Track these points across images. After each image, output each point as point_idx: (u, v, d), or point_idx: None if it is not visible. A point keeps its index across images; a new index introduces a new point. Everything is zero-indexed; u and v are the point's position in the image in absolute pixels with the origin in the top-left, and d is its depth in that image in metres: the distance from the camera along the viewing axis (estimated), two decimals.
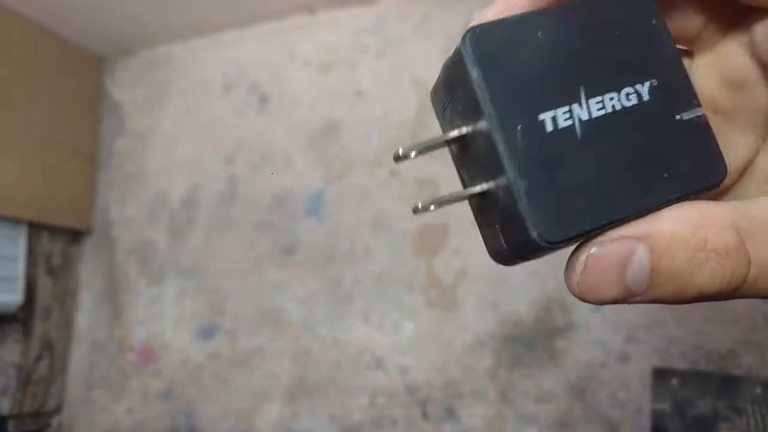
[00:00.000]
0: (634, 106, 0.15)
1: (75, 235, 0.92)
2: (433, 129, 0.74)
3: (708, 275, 0.14)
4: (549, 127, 0.15)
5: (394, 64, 0.77)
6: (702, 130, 0.15)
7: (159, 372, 0.84)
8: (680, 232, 0.14)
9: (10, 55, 0.80)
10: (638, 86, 0.15)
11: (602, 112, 0.15)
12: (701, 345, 0.59)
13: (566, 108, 0.15)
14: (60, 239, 0.89)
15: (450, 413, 0.67)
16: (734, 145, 0.17)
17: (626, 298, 0.15)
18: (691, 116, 0.15)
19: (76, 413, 0.89)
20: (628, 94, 0.15)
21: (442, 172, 0.72)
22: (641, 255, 0.14)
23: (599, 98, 0.15)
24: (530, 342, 0.65)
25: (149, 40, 0.92)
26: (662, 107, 0.15)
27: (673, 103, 0.15)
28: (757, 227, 0.14)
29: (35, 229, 0.85)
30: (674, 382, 0.59)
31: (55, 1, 0.80)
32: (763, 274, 0.14)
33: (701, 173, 0.15)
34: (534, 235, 0.14)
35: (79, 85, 0.92)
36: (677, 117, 0.15)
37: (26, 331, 0.84)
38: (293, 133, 0.81)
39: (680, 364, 0.59)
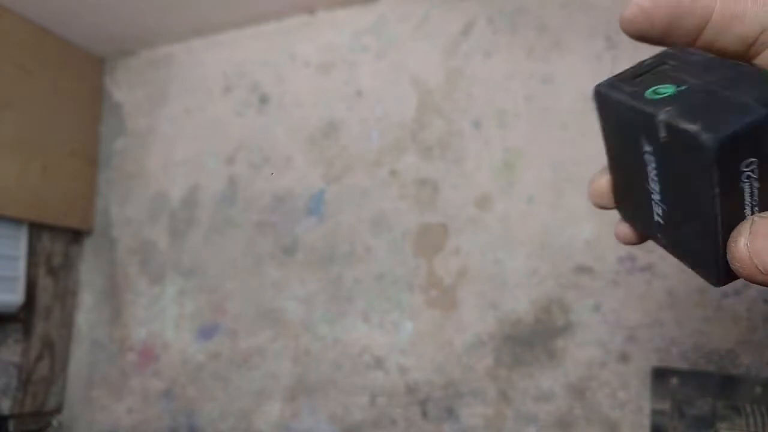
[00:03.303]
0: (654, 161, 0.18)
1: (75, 235, 0.92)
2: (431, 130, 0.74)
3: None
4: (662, 222, 0.19)
5: (394, 64, 0.77)
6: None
7: (159, 371, 0.84)
8: None
9: (11, 55, 0.81)
10: (644, 148, 0.18)
11: (658, 183, 0.18)
12: (701, 345, 0.59)
13: (653, 203, 0.19)
14: (61, 239, 0.89)
15: (450, 413, 0.67)
16: None
17: None
18: (662, 128, 0.17)
19: (76, 413, 0.89)
20: (648, 159, 0.18)
21: (441, 172, 0.72)
22: None
23: (649, 178, 0.19)
24: (530, 342, 0.65)
25: (149, 41, 0.92)
26: (657, 143, 0.17)
27: (654, 135, 0.17)
28: None
29: (36, 229, 0.85)
30: (674, 381, 0.58)
31: (56, 2, 0.80)
32: None
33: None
34: (713, 285, 0.17)
35: (80, 86, 0.93)
36: (662, 141, 0.17)
37: (27, 330, 0.84)
38: (293, 133, 0.81)
39: (680, 364, 0.59)
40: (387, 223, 0.74)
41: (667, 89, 0.18)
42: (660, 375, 0.59)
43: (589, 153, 0.65)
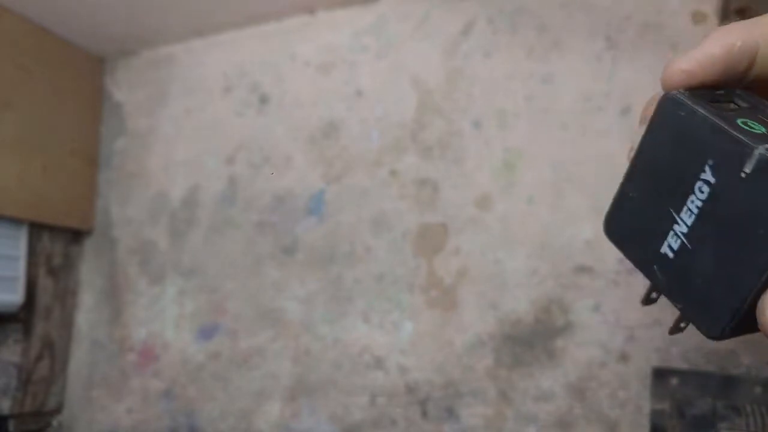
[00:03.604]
0: (709, 192, 0.17)
1: (76, 235, 0.92)
2: (431, 130, 0.74)
3: None
4: (670, 255, 0.18)
5: (394, 64, 0.77)
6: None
7: (159, 372, 0.84)
8: None
9: (11, 55, 0.81)
10: (702, 175, 0.17)
11: (694, 216, 0.17)
12: (701, 345, 0.59)
13: (671, 233, 0.18)
14: (61, 239, 0.89)
15: (450, 412, 0.67)
16: None
17: None
18: (753, 162, 0.16)
19: (76, 413, 0.89)
20: (700, 188, 0.17)
21: (441, 172, 0.72)
22: None
23: (685, 208, 0.18)
24: (530, 342, 0.65)
25: (150, 41, 0.92)
26: (728, 175, 0.17)
27: (733, 165, 0.17)
28: None
29: (36, 229, 0.85)
30: (674, 381, 0.58)
31: (57, 2, 0.80)
32: None
33: None
34: (707, 335, 0.17)
35: (80, 86, 0.93)
36: (743, 174, 0.16)
37: (27, 330, 0.84)
38: (293, 133, 0.82)
39: (680, 364, 0.59)
40: (387, 223, 0.74)
41: (758, 127, 0.17)
42: (660, 375, 0.59)
43: (589, 153, 0.65)
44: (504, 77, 0.71)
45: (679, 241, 0.18)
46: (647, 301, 0.19)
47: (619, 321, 0.62)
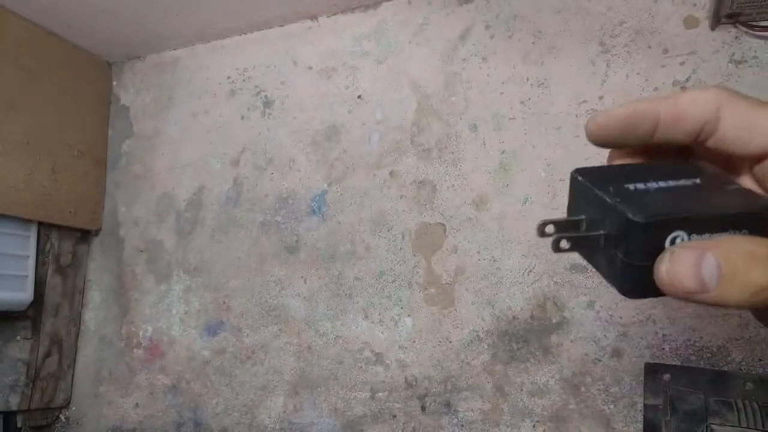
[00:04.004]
0: (691, 184, 0.22)
1: (84, 235, 0.93)
2: (430, 132, 0.75)
3: (761, 272, 0.18)
4: (631, 188, 0.22)
5: (394, 68, 0.78)
6: (741, 190, 0.22)
7: (165, 367, 0.85)
8: (735, 244, 0.19)
9: (20, 59, 0.82)
10: (693, 179, 0.22)
11: (668, 185, 0.22)
12: (693, 341, 0.59)
13: (642, 183, 0.22)
14: (69, 239, 0.91)
15: (448, 407, 0.68)
16: None
17: (702, 290, 0.19)
18: (733, 188, 0.22)
19: (84, 408, 0.91)
20: (686, 181, 0.22)
21: (439, 174, 0.74)
22: (709, 257, 0.19)
23: (665, 182, 0.22)
24: (525, 338, 0.66)
25: (156, 46, 0.93)
26: (712, 183, 0.22)
27: (721, 182, 0.22)
28: None
29: (45, 228, 0.87)
30: (666, 377, 0.59)
31: (65, 8, 0.82)
32: None
33: (744, 203, 0.21)
34: (630, 215, 0.20)
35: (88, 89, 0.94)
36: (725, 186, 0.22)
37: (36, 328, 0.86)
38: (296, 136, 0.83)
39: (672, 360, 0.60)
40: (387, 223, 0.75)
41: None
42: (652, 371, 0.59)
43: (582, 154, 0.66)
44: (500, 81, 0.72)
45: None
46: (557, 248, 0.22)
47: (613, 318, 0.63)
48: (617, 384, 0.61)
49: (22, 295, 0.82)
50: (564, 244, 0.22)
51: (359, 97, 0.80)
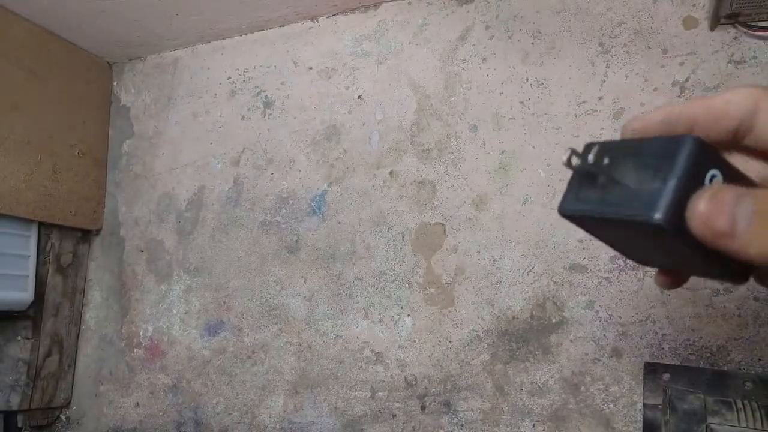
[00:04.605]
0: None
1: (84, 235, 0.94)
2: (430, 132, 0.75)
3: None
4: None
5: (394, 69, 0.78)
6: None
7: (166, 367, 0.85)
8: None
9: (21, 60, 0.83)
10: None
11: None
12: (692, 341, 0.60)
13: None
14: (70, 238, 0.91)
15: (448, 406, 0.68)
16: None
17: (730, 232, 0.19)
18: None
19: (84, 407, 0.91)
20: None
21: (439, 174, 0.74)
22: (748, 201, 0.19)
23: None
24: (525, 338, 0.66)
25: (156, 46, 0.93)
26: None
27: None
28: None
29: (46, 228, 0.87)
30: (665, 377, 0.59)
31: (66, 8, 0.82)
32: None
33: None
34: (690, 137, 0.21)
35: (89, 89, 0.94)
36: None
37: (36, 327, 0.86)
38: (296, 136, 0.83)
39: (672, 360, 0.60)
40: (387, 223, 0.75)
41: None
42: (652, 370, 0.59)
43: None
44: (500, 81, 0.72)
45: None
46: (569, 164, 0.22)
47: (612, 317, 0.63)
48: (617, 383, 0.62)
49: (22, 294, 0.83)
50: (592, 151, 0.21)
51: (359, 97, 0.80)
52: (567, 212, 0.23)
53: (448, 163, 0.73)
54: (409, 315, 0.72)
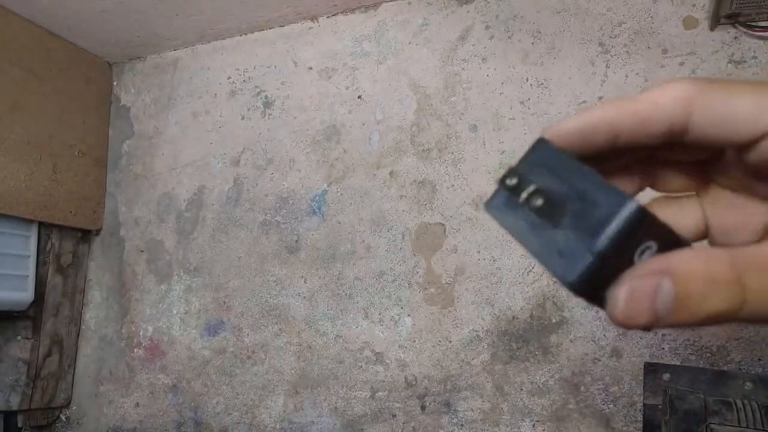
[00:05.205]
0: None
1: (84, 235, 0.94)
2: (430, 132, 0.75)
3: (717, 300, 0.17)
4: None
5: (394, 69, 0.78)
6: None
7: (166, 367, 0.85)
8: (695, 265, 0.18)
9: (22, 59, 0.82)
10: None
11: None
12: (692, 341, 0.60)
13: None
14: (70, 238, 0.91)
15: (448, 406, 0.68)
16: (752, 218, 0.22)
17: (654, 322, 0.18)
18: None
19: (84, 407, 0.91)
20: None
21: (439, 174, 0.74)
22: (668, 285, 0.17)
23: None
24: (525, 337, 0.66)
25: (157, 46, 0.93)
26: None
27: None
28: (749, 266, 0.18)
29: (46, 228, 0.87)
30: (666, 377, 0.59)
31: (66, 8, 0.82)
32: (757, 300, 0.17)
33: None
34: (633, 200, 0.18)
35: (89, 89, 0.94)
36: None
37: (36, 327, 0.86)
38: (296, 136, 0.83)
39: (672, 360, 0.60)
40: (387, 223, 0.75)
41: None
42: (652, 370, 0.59)
43: None
44: (500, 81, 0.72)
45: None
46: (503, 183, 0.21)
47: None
48: (617, 383, 0.62)
49: (22, 294, 0.83)
50: (535, 198, 0.20)
51: (359, 97, 0.80)
52: (491, 214, 0.21)
53: (448, 163, 0.73)
54: (409, 315, 0.72)
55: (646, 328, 0.18)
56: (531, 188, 0.20)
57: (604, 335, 0.63)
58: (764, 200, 0.22)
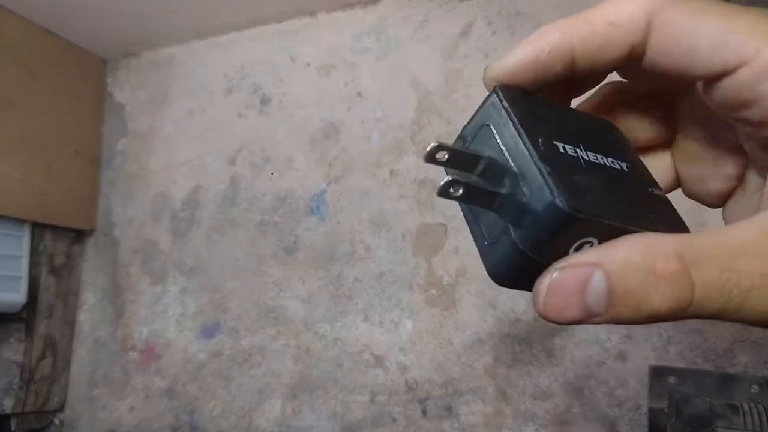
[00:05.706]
0: (619, 170, 0.19)
1: (78, 235, 0.92)
2: (431, 130, 0.75)
3: (659, 296, 0.15)
4: (561, 150, 0.18)
5: (394, 65, 0.77)
6: (666, 203, 0.19)
7: (161, 370, 0.84)
8: (632, 258, 0.16)
9: (14, 57, 0.81)
10: (620, 162, 0.19)
11: (598, 161, 0.19)
12: (698, 344, 0.59)
13: (572, 146, 0.18)
14: (63, 239, 0.90)
15: (449, 411, 0.68)
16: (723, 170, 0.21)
17: (587, 318, 0.16)
18: (657, 193, 0.19)
19: (78, 411, 0.90)
20: (613, 161, 0.19)
21: (440, 173, 0.73)
22: (598, 278, 0.16)
23: (594, 154, 0.19)
24: (528, 340, 0.66)
25: (151, 42, 0.92)
26: (638, 179, 0.19)
27: (645, 181, 0.20)
28: (699, 256, 0.15)
29: (39, 228, 0.85)
30: (671, 380, 0.59)
31: (60, 4, 0.81)
32: (707, 297, 0.15)
33: (670, 226, 0.18)
34: (558, 201, 0.16)
35: (83, 87, 0.93)
36: (649, 189, 0.19)
37: (29, 329, 0.85)
38: (294, 134, 0.82)
39: (677, 363, 0.59)
40: (387, 223, 0.75)
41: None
42: (657, 373, 0.59)
43: None
44: None
45: None
46: (445, 192, 0.18)
47: None
48: (621, 387, 0.61)
49: (15, 296, 0.82)
50: (455, 189, 0.18)
51: (359, 94, 0.79)
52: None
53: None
54: (409, 317, 0.71)
55: (580, 322, 0.16)
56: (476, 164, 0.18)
57: (609, 338, 0.62)
58: (731, 149, 0.20)
